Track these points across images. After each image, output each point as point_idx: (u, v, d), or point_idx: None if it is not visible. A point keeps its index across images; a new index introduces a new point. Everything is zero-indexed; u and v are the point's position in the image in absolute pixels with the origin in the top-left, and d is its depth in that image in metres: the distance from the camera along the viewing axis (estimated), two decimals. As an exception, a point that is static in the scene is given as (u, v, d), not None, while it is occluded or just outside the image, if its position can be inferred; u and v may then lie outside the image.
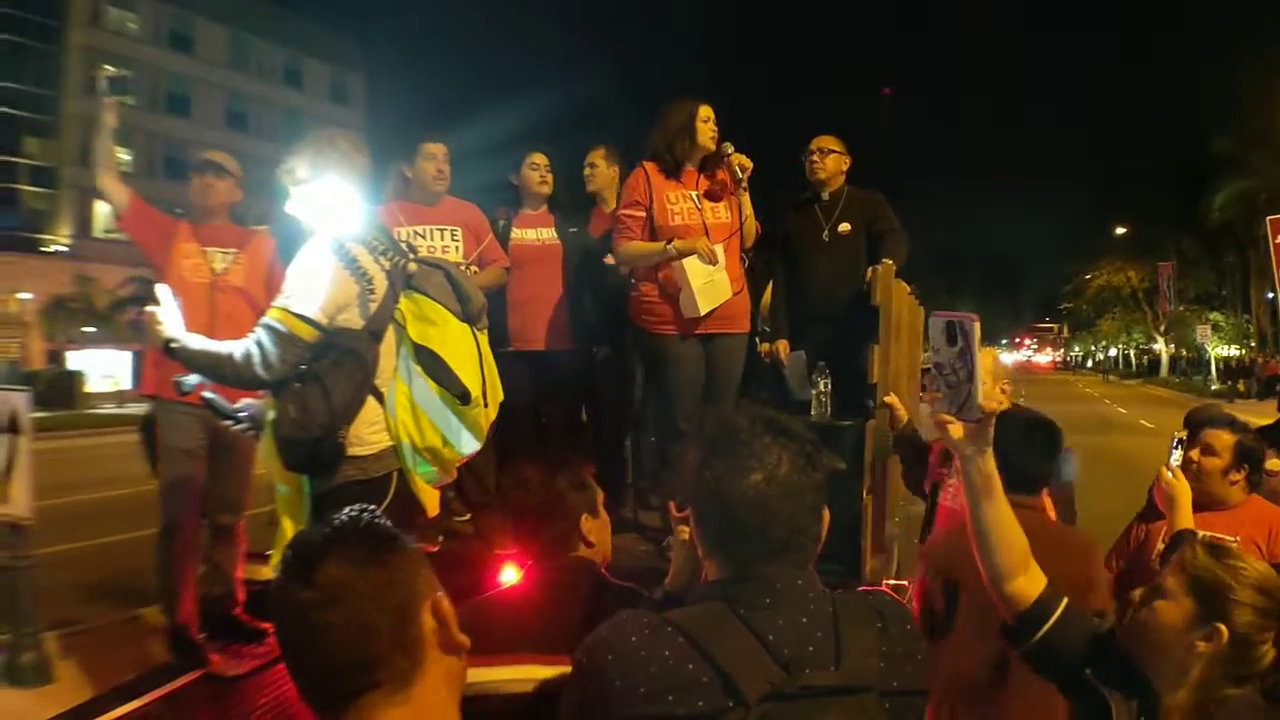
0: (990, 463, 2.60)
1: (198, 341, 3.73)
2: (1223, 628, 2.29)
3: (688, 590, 2.47)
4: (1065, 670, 2.61)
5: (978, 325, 2.52)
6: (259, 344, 3.64)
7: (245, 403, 3.99)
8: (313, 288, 3.71)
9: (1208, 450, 4.41)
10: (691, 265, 5.48)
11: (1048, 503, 4.07)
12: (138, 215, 5.66)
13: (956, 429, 2.54)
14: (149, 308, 3.74)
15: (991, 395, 2.95)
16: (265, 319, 3.69)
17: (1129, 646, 2.50)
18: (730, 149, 5.64)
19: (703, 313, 5.52)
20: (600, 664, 1.96)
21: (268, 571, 4.76)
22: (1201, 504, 4.28)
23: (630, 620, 2.03)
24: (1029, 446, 3.80)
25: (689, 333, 5.61)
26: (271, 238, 5.68)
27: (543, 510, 2.97)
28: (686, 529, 2.49)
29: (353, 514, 1.72)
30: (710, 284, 5.53)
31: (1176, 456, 3.98)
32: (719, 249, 5.52)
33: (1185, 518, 3.72)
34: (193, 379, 3.85)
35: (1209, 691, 2.29)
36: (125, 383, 44.30)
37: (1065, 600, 2.62)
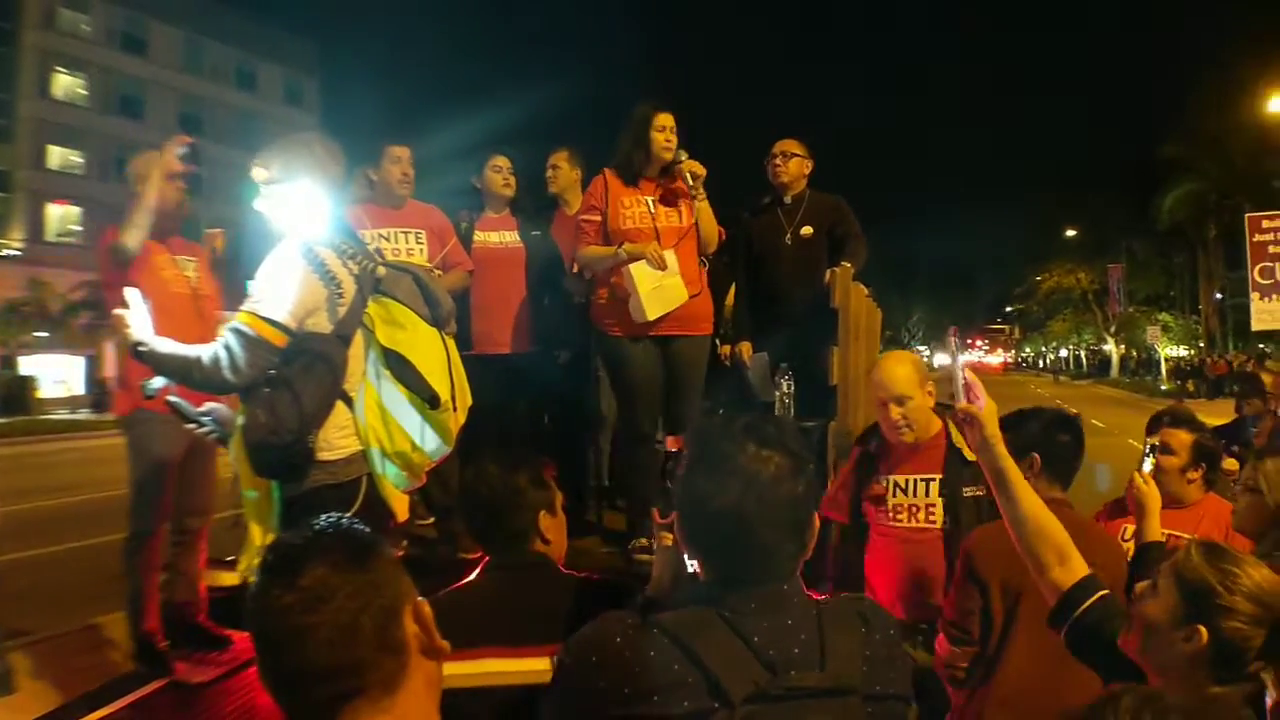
0: (999, 459, 2.89)
1: (166, 345, 3.70)
2: (1202, 629, 2.31)
3: (669, 596, 2.49)
4: (1101, 654, 2.69)
5: (953, 334, 2.85)
6: (227, 348, 3.61)
7: (210, 406, 3.98)
8: (281, 292, 3.69)
9: (1166, 449, 4.47)
10: (639, 271, 5.49)
11: None
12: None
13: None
14: (117, 310, 3.71)
15: (975, 396, 3.03)
16: (233, 323, 3.66)
17: (1127, 641, 2.54)
18: (684, 155, 5.64)
19: (650, 318, 5.53)
20: (585, 664, 1.97)
21: (232, 578, 4.74)
22: (1166, 502, 4.37)
23: (615, 621, 2.03)
24: (1052, 441, 3.93)
25: (645, 335, 5.63)
26: (223, 240, 5.67)
27: (500, 504, 2.95)
28: (669, 535, 2.53)
29: (331, 520, 1.71)
30: (659, 289, 5.53)
31: (1149, 463, 4.02)
32: (669, 254, 5.53)
33: (1154, 528, 3.74)
34: (158, 382, 3.82)
35: (1192, 690, 2.32)
36: (78, 388, 43.81)
37: (1105, 588, 2.76)
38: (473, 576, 2.96)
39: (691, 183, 5.64)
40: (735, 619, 1.93)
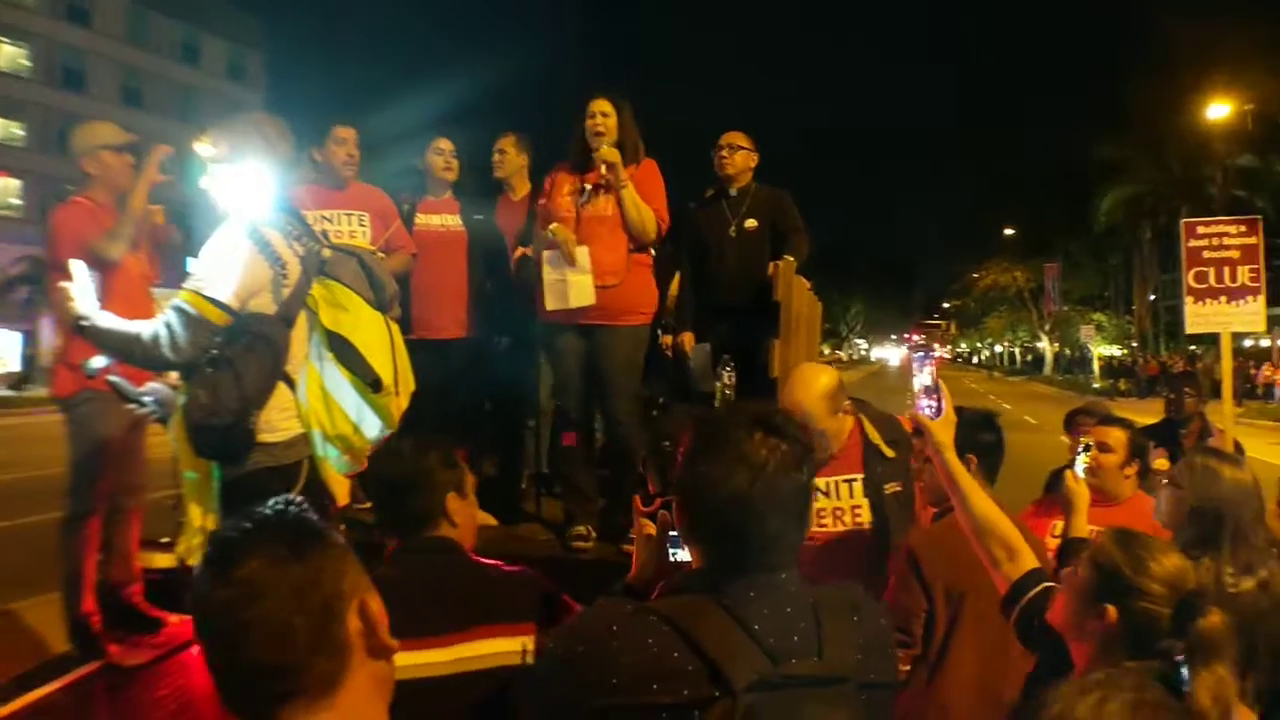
0: (950, 464, 3.16)
1: (108, 319, 3.68)
2: (1110, 608, 2.46)
3: (650, 584, 2.49)
4: (1042, 641, 2.81)
5: (916, 337, 3.05)
6: (168, 325, 3.61)
7: (151, 386, 3.95)
8: (225, 272, 3.68)
9: (1104, 447, 4.56)
10: (546, 261, 5.51)
11: None
12: None
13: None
14: (62, 283, 3.68)
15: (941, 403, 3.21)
16: (175, 300, 3.65)
17: (1052, 615, 2.70)
18: (602, 144, 5.57)
19: (549, 309, 5.52)
20: (574, 653, 1.96)
21: (168, 559, 4.71)
22: (1096, 499, 4.45)
23: (609, 609, 2.03)
24: (980, 441, 4.05)
25: (571, 323, 5.61)
26: (163, 216, 5.61)
27: (408, 485, 2.92)
28: (649, 523, 2.54)
29: (277, 506, 1.63)
30: (559, 283, 5.50)
31: (1082, 461, 4.09)
32: (581, 251, 5.48)
33: (1081, 525, 3.87)
34: (99, 362, 3.80)
35: (1109, 665, 2.42)
36: (14, 364, 42.94)
37: (1050, 580, 2.94)
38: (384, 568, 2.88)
39: (604, 171, 5.54)
40: (735, 607, 1.91)
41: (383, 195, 6.16)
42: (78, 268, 3.74)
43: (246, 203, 3.85)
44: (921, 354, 3.40)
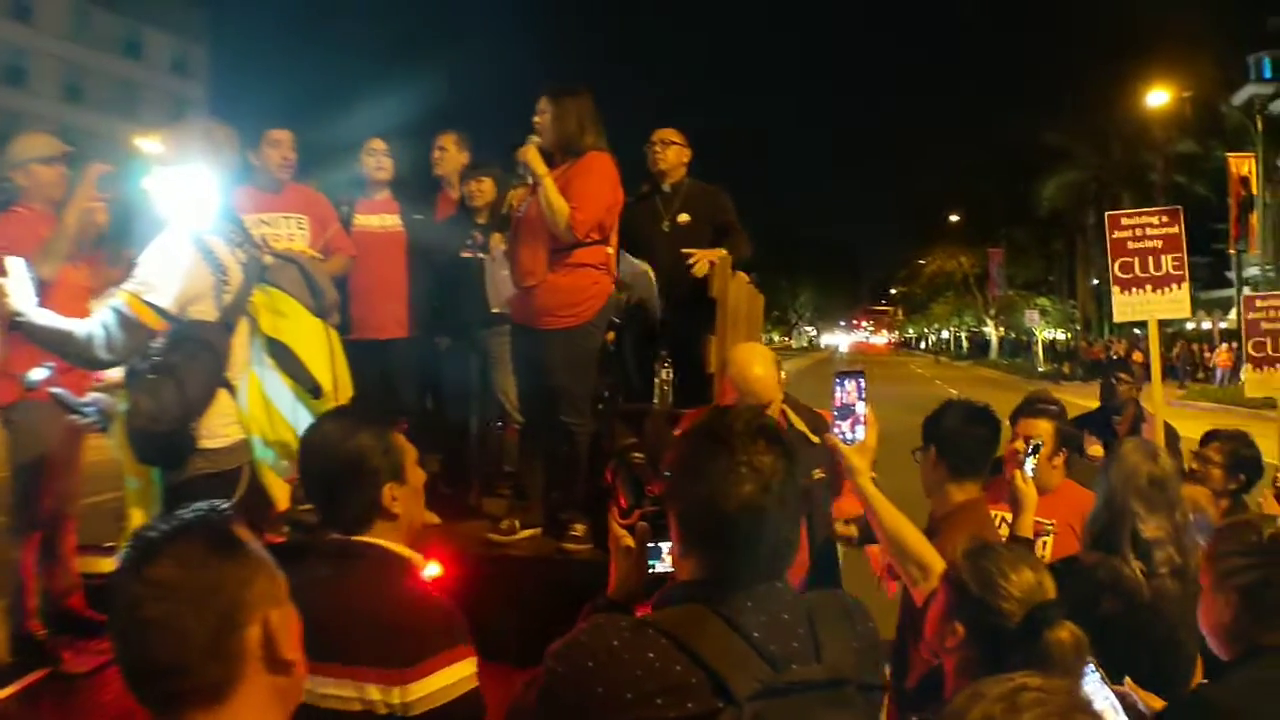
0: (864, 488, 3.23)
1: (44, 317, 3.68)
2: (959, 626, 2.51)
3: (631, 597, 2.46)
4: None
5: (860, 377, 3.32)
6: (104, 325, 3.63)
7: (93, 397, 3.97)
8: (166, 277, 3.71)
9: (1029, 440, 4.65)
10: (491, 263, 5.59)
11: None
12: None
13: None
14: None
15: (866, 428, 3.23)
16: (113, 301, 3.67)
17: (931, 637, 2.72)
18: (533, 140, 5.41)
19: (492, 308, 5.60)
20: (579, 671, 1.92)
21: (110, 564, 4.71)
22: None
23: (608, 624, 2.00)
24: (962, 434, 3.96)
25: (518, 323, 5.61)
26: (104, 214, 5.59)
27: (339, 474, 2.63)
28: (627, 536, 2.50)
29: (202, 511, 1.66)
30: (495, 280, 5.62)
31: (1031, 462, 4.11)
32: (496, 245, 5.54)
33: (1027, 524, 3.91)
34: (39, 374, 3.80)
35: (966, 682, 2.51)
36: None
37: None
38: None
39: (520, 168, 5.43)
40: (733, 616, 1.91)
41: (321, 197, 6.17)
42: (15, 265, 3.74)
43: (190, 208, 3.88)
44: (848, 377, 3.34)
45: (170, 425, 3.67)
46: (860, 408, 3.25)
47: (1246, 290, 32.40)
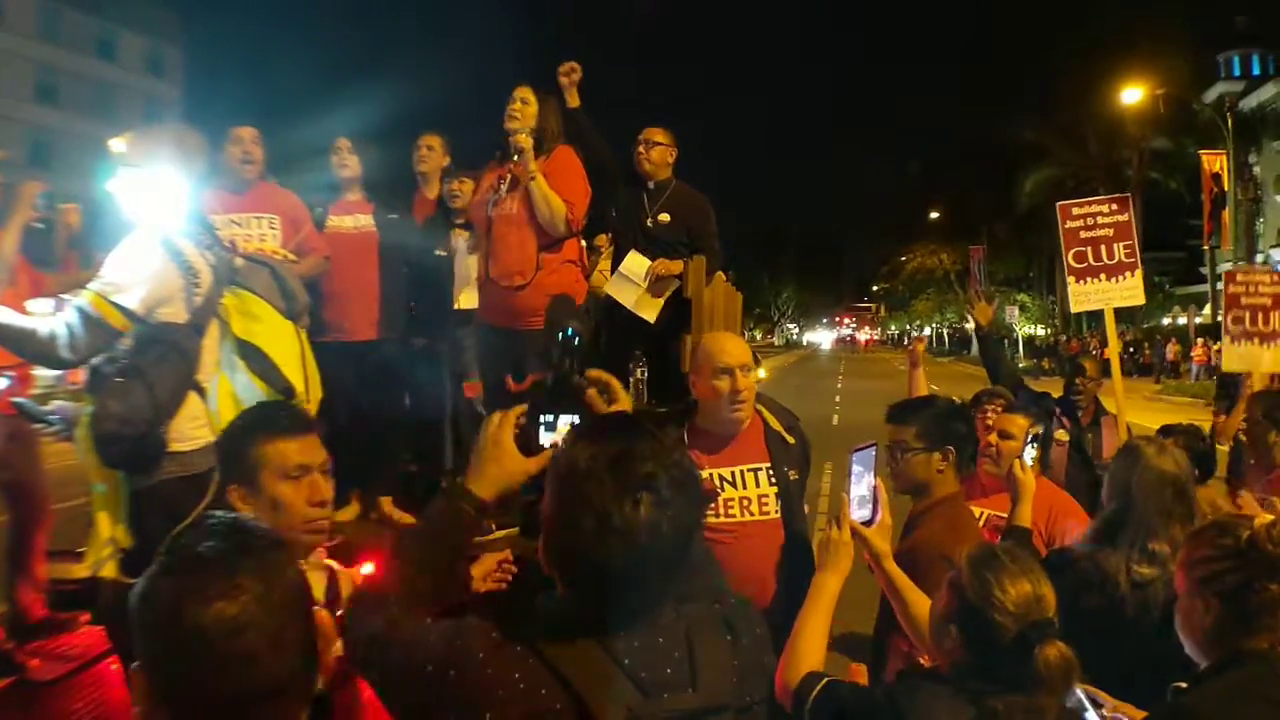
0: (888, 571, 3.21)
1: (2, 314, 3.62)
2: (954, 630, 2.52)
3: (504, 495, 2.23)
4: None
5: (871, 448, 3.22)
6: (67, 325, 3.57)
7: (57, 405, 3.92)
8: (134, 278, 3.67)
9: (1005, 434, 4.66)
10: (467, 259, 5.56)
11: None
12: None
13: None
14: None
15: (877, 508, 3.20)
16: (77, 300, 3.63)
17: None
18: (518, 131, 5.48)
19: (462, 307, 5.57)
20: (441, 675, 1.84)
21: (81, 570, 4.64)
22: (998, 485, 4.57)
23: (473, 634, 1.89)
24: (957, 433, 4.06)
25: (496, 325, 5.62)
26: (77, 216, 5.52)
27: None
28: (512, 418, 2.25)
29: (229, 520, 1.63)
30: (469, 280, 5.58)
31: (1031, 452, 4.17)
32: (462, 238, 5.56)
33: (1026, 514, 3.96)
34: None
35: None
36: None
37: None
38: None
39: (515, 158, 5.45)
40: (605, 639, 1.82)
41: (293, 197, 6.09)
42: None
43: (158, 209, 3.83)
44: (863, 453, 3.23)
45: (139, 429, 3.63)
46: (870, 481, 3.16)
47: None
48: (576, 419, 2.25)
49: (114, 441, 3.64)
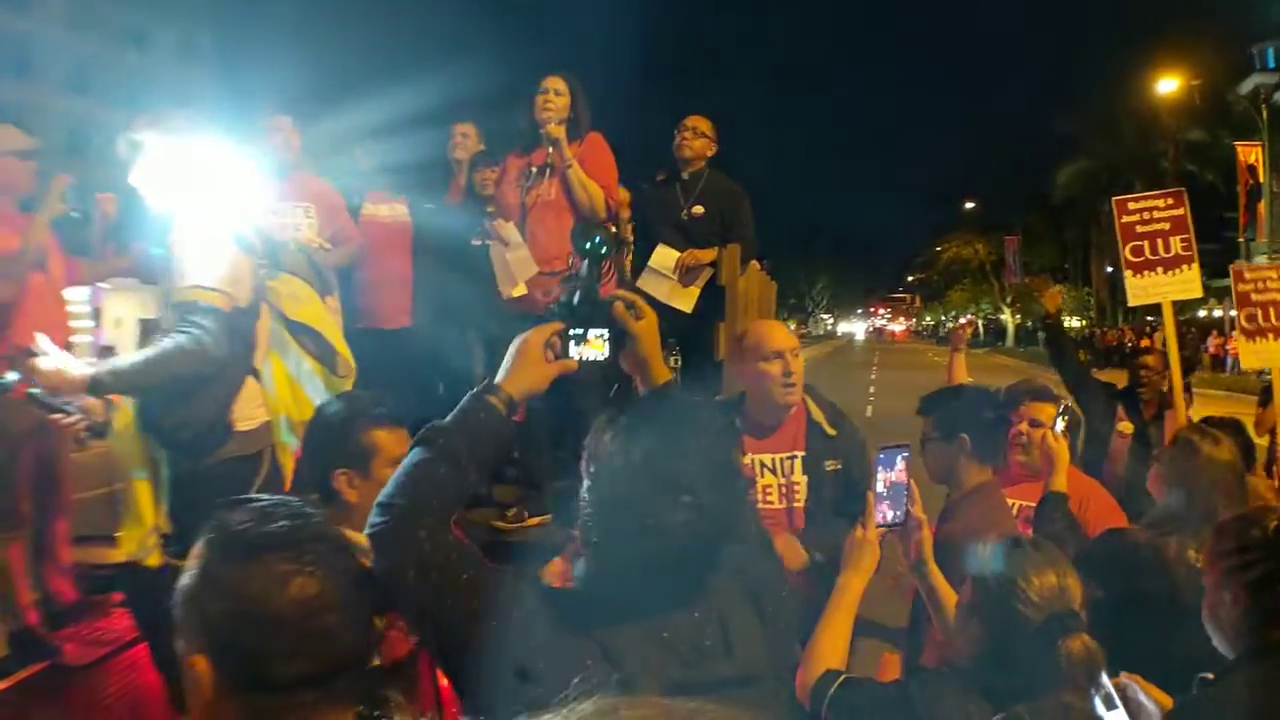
0: (931, 576, 3.10)
1: (123, 360, 3.55)
2: (978, 620, 2.50)
3: (531, 394, 2.24)
4: None
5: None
6: (198, 327, 3.52)
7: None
8: (212, 262, 3.66)
9: (1035, 423, 4.62)
10: (494, 250, 5.52)
11: None
12: None
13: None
14: (42, 364, 3.42)
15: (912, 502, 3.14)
16: (192, 303, 3.57)
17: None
18: (551, 122, 5.49)
19: (503, 295, 5.54)
20: (505, 630, 1.87)
21: (117, 554, 4.67)
22: (1026, 474, 4.53)
23: (529, 617, 1.91)
24: (979, 420, 3.99)
25: (529, 312, 5.50)
26: (114, 205, 5.54)
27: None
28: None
29: (278, 501, 1.69)
30: (505, 265, 5.54)
31: (1061, 423, 4.16)
32: (509, 229, 5.48)
33: (1061, 480, 3.91)
34: (11, 376, 3.68)
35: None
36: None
37: None
38: None
39: (551, 149, 5.47)
40: (649, 619, 1.89)
41: (328, 186, 6.11)
42: (44, 342, 3.52)
43: (216, 199, 3.82)
44: (892, 452, 3.13)
45: (212, 411, 3.66)
46: (900, 480, 3.09)
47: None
48: (605, 332, 2.27)
49: (183, 427, 3.64)
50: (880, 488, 3.06)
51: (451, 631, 1.90)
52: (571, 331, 2.26)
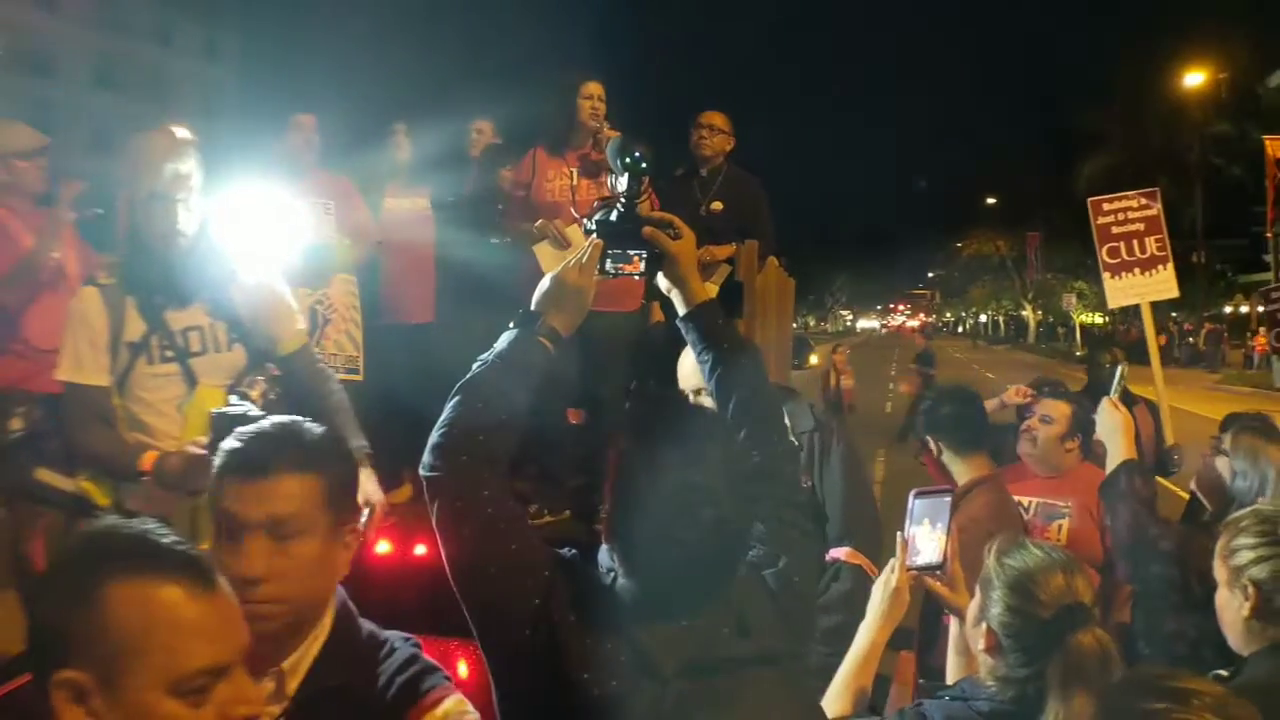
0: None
1: (338, 416, 3.72)
2: (988, 625, 2.49)
3: (570, 323, 2.32)
4: None
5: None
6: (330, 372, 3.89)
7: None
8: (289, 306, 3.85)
9: (1045, 419, 4.62)
10: (541, 251, 5.47)
11: None
12: None
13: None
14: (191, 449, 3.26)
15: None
16: (298, 352, 3.80)
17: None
18: (605, 127, 5.54)
19: None
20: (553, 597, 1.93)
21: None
22: (1036, 471, 4.54)
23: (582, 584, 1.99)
24: (947, 417, 4.13)
25: None
26: None
27: None
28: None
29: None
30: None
31: (1117, 386, 4.00)
32: (572, 230, 5.43)
33: (1129, 447, 3.68)
34: None
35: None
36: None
37: None
38: None
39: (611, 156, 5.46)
40: (662, 599, 1.92)
41: (346, 182, 6.12)
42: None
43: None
44: (929, 500, 2.98)
45: None
46: (939, 528, 2.93)
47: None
48: (645, 253, 2.31)
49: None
50: (915, 530, 2.94)
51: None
52: (611, 251, 2.29)
